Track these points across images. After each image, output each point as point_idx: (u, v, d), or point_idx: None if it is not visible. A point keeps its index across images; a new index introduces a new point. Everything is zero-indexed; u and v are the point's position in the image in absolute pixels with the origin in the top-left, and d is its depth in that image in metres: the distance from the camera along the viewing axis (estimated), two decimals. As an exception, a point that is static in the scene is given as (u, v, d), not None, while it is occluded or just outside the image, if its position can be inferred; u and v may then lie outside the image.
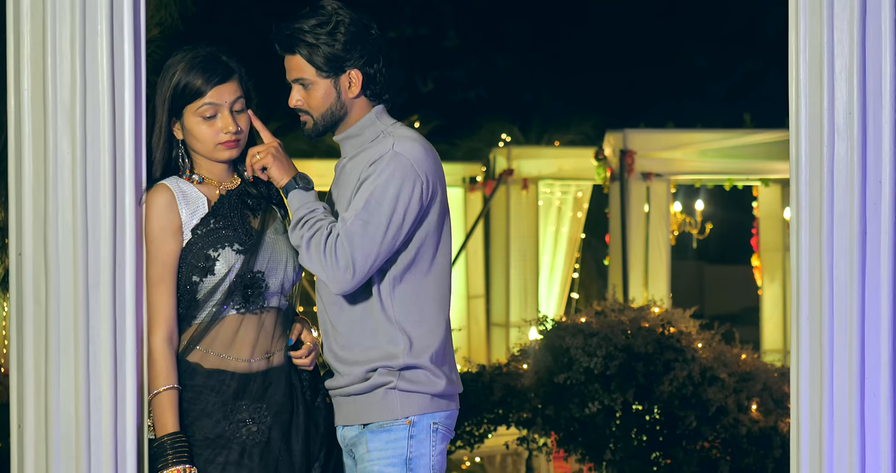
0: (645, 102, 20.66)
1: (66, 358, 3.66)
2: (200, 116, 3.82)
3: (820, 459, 3.57)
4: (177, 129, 3.84)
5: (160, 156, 3.84)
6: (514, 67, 22.76)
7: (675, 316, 7.54)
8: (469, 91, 23.39)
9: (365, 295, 3.86)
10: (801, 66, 3.58)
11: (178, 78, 3.81)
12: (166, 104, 3.81)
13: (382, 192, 3.76)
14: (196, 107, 3.81)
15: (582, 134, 17.47)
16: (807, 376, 3.59)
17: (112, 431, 3.67)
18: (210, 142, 3.83)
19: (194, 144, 3.85)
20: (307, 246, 3.77)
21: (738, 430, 7.13)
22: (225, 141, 3.84)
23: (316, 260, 3.75)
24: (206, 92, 3.80)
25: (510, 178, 13.26)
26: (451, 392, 3.92)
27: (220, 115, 3.83)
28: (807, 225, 3.59)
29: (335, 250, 3.73)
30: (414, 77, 23.52)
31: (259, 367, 3.83)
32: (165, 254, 3.76)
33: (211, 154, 3.86)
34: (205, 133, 3.83)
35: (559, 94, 21.46)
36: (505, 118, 18.26)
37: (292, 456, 3.83)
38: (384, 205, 3.76)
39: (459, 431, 8.13)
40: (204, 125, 3.82)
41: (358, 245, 3.74)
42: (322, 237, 3.74)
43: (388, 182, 3.77)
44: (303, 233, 3.78)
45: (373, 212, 3.75)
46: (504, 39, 22.67)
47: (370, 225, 3.75)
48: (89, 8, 3.63)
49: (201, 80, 3.80)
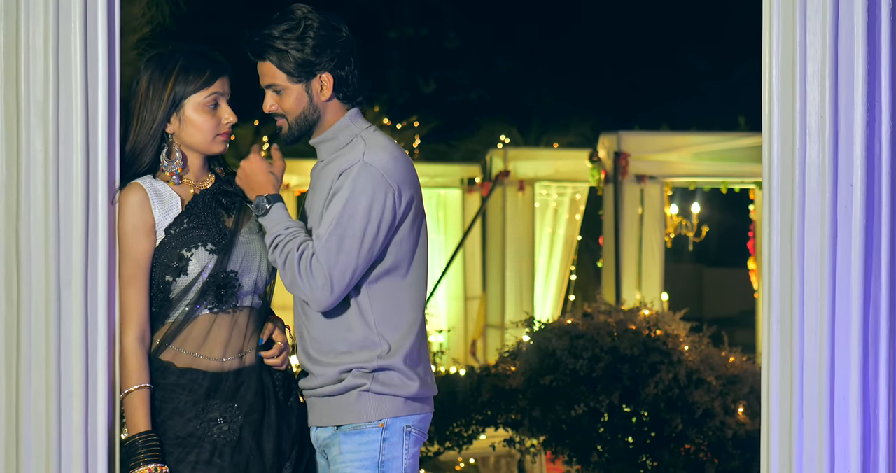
0: (645, 104, 20.66)
1: (37, 356, 3.65)
2: (205, 106, 3.83)
3: (790, 462, 3.57)
4: (171, 123, 3.84)
5: (151, 152, 3.83)
6: (516, 69, 22.76)
7: (664, 319, 7.53)
8: (470, 92, 23.40)
9: (342, 300, 3.86)
10: (774, 68, 3.58)
11: (182, 69, 3.81)
12: (168, 97, 3.81)
13: (354, 206, 3.76)
14: (202, 96, 3.82)
15: (581, 135, 17.48)
16: (777, 379, 3.59)
17: (83, 430, 3.67)
18: (211, 132, 3.85)
19: (193, 136, 3.84)
20: (283, 268, 3.78)
21: (724, 433, 7.12)
22: (224, 131, 3.86)
23: (293, 282, 3.76)
24: (213, 82, 3.83)
25: (506, 180, 13.26)
26: (425, 394, 3.92)
27: (221, 106, 3.85)
28: (778, 227, 3.59)
29: (310, 269, 3.74)
30: (416, 77, 23.53)
31: (231, 366, 3.83)
32: (138, 253, 3.76)
33: (207, 146, 3.86)
34: (207, 123, 3.84)
35: (559, 96, 21.46)
36: (504, 119, 18.27)
37: (263, 455, 3.83)
38: (357, 219, 3.76)
39: (448, 432, 8.12)
40: (207, 115, 3.84)
41: (334, 261, 3.74)
42: (295, 258, 3.75)
43: (359, 195, 3.77)
44: (275, 256, 3.80)
45: (347, 227, 3.75)
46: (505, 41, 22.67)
47: (345, 239, 3.75)
48: (63, 5, 3.63)
49: (209, 71, 3.83)
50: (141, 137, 3.82)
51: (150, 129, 3.82)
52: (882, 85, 3.51)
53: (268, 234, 3.83)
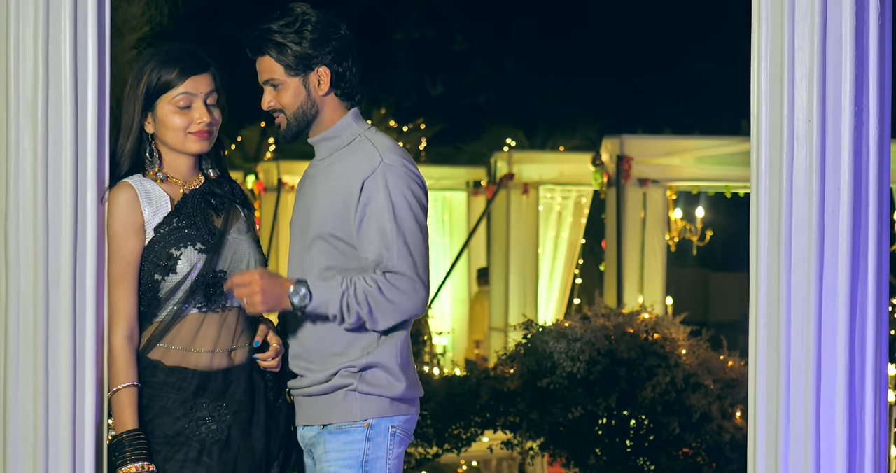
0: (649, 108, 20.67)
1: (25, 354, 3.66)
2: (175, 106, 3.83)
3: (776, 465, 3.57)
4: (149, 122, 3.85)
5: (129, 149, 3.84)
6: (523, 71, 22.77)
7: (664, 322, 7.52)
8: (479, 94, 23.42)
9: None
10: (763, 72, 3.58)
11: (154, 68, 3.82)
12: (141, 95, 3.82)
13: (400, 206, 3.81)
14: (171, 96, 3.82)
15: (587, 139, 17.49)
16: (764, 382, 3.59)
17: (70, 428, 3.67)
18: (182, 131, 3.84)
19: (166, 136, 3.85)
20: (373, 316, 3.79)
21: (721, 437, 7.11)
22: (197, 131, 3.84)
23: (402, 309, 3.79)
24: (182, 82, 3.82)
25: (511, 183, 13.26)
26: (411, 396, 3.92)
27: (194, 106, 3.84)
28: (766, 231, 3.59)
29: (395, 287, 3.77)
30: (423, 79, 23.55)
31: (220, 365, 3.83)
32: (127, 252, 3.77)
33: (182, 145, 3.86)
34: (178, 123, 3.83)
35: (566, 98, 21.47)
36: (510, 122, 18.28)
37: (252, 455, 3.84)
38: (407, 217, 3.81)
39: (447, 434, 8.12)
40: (178, 115, 3.83)
41: (411, 262, 3.79)
42: (377, 295, 3.77)
43: (397, 194, 3.81)
44: (363, 312, 3.78)
45: (406, 229, 3.80)
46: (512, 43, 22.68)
47: (407, 236, 3.80)
48: (52, 4, 3.64)
49: (177, 71, 3.82)
50: (123, 136, 3.84)
51: (130, 128, 3.84)
52: (869, 89, 3.52)
53: (331, 309, 3.79)
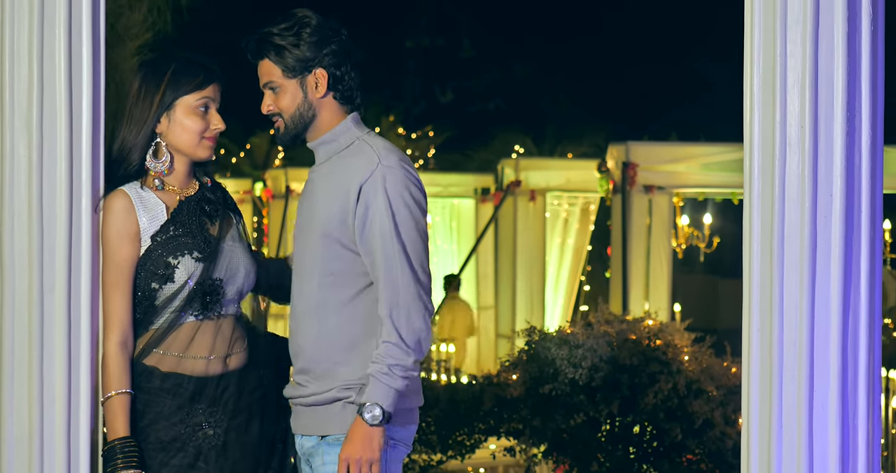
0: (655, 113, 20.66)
1: (20, 361, 3.67)
2: (195, 109, 3.86)
3: (769, 471, 3.56)
4: (162, 123, 3.87)
5: (142, 144, 3.85)
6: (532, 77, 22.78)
7: (668, 329, 7.50)
8: (488, 101, 23.43)
9: (346, 310, 3.87)
10: (755, 78, 3.58)
11: (175, 72, 3.86)
12: (160, 96, 3.84)
13: (399, 208, 3.81)
14: (194, 98, 3.86)
15: (595, 146, 17.49)
16: (757, 388, 3.58)
17: (65, 434, 3.68)
18: (198, 135, 3.87)
19: (179, 138, 3.87)
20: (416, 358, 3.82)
21: (724, 443, 7.10)
22: (211, 136, 3.89)
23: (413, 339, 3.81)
24: (205, 87, 3.87)
25: (518, 190, 13.28)
26: (410, 406, 3.92)
27: (211, 111, 3.89)
28: (758, 237, 3.59)
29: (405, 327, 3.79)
30: (433, 87, 23.57)
31: (216, 371, 3.84)
32: (122, 259, 3.78)
33: (193, 150, 3.89)
34: (195, 125, 3.86)
35: (575, 102, 21.48)
36: (519, 129, 18.29)
37: (247, 461, 3.85)
38: (407, 220, 3.82)
39: (451, 441, 8.11)
40: (196, 117, 3.86)
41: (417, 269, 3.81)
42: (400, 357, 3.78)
43: (395, 196, 3.81)
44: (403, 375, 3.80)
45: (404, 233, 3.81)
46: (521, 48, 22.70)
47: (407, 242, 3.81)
48: (47, 12, 3.65)
49: (203, 75, 3.87)
50: (130, 137, 3.84)
51: (141, 130, 3.85)
52: (862, 95, 3.51)
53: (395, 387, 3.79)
